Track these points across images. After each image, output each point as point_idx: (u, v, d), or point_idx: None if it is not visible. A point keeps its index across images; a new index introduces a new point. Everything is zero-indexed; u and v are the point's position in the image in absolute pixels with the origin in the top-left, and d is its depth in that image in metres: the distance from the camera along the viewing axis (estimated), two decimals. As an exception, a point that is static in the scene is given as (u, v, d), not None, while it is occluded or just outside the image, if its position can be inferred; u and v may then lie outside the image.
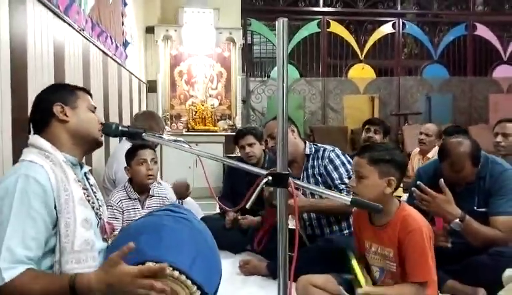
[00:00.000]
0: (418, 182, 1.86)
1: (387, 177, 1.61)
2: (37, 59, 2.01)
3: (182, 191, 2.78)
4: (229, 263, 2.43)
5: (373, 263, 1.71)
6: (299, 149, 2.44)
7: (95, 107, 1.44)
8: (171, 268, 1.15)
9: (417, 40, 7.71)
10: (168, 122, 5.54)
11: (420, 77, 7.48)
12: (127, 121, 4.09)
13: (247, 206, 1.02)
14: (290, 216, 1.66)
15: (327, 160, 2.37)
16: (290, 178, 1.05)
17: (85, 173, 1.40)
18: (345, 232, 2.38)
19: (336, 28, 7.13)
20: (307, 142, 2.52)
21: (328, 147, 2.43)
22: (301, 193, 2.26)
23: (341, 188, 2.30)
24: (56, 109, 1.33)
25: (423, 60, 7.59)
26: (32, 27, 1.95)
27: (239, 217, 2.87)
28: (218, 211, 3.21)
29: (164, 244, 1.24)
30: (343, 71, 7.27)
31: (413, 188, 1.89)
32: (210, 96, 5.82)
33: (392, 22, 7.29)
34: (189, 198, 2.98)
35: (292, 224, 2.24)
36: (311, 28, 7.06)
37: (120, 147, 2.84)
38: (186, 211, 1.50)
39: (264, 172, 1.05)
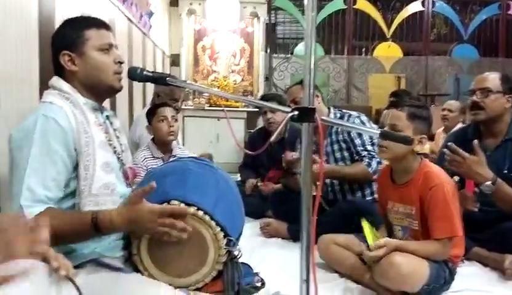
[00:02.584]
0: (449, 143, 1.80)
1: (420, 134, 1.58)
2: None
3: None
4: (249, 227, 2.43)
5: (396, 222, 1.69)
6: (323, 114, 2.39)
7: (111, 44, 1.29)
8: (195, 208, 1.15)
9: (447, 19, 7.44)
10: (191, 97, 5.55)
11: (449, 57, 7.24)
12: (150, 93, 4.11)
13: (272, 140, 1.01)
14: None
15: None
16: (316, 115, 1.03)
17: (108, 116, 1.35)
18: (368, 198, 2.34)
19: (363, 5, 6.94)
20: (331, 108, 2.49)
21: (354, 113, 2.39)
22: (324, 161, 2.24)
23: (363, 155, 2.28)
24: (64, 59, 1.25)
25: (452, 42, 7.32)
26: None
27: (259, 183, 2.87)
28: (239, 178, 3.21)
29: (189, 185, 1.24)
30: (369, 49, 7.11)
31: (443, 149, 1.84)
32: (232, 71, 5.80)
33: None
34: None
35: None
36: (336, 4, 6.90)
37: (143, 112, 2.87)
38: (209, 161, 1.51)
39: (288, 109, 1.04)
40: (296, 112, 1.01)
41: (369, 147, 2.28)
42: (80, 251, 1.18)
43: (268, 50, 6.54)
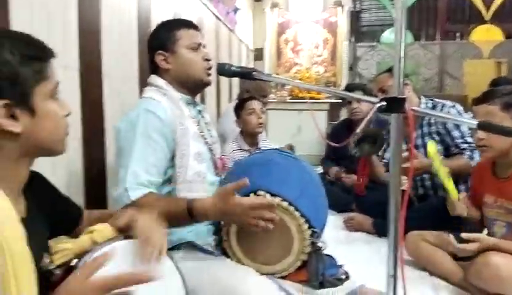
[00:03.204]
0: None
1: None
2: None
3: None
4: (333, 220, 2.42)
5: (499, 217, 1.56)
6: (413, 104, 2.27)
7: (199, 44, 1.39)
8: (280, 199, 1.18)
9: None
10: (273, 90, 5.61)
11: (562, 38, 6.38)
12: (236, 87, 4.25)
13: (358, 131, 1.00)
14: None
15: (446, 118, 2.19)
16: (406, 105, 0.99)
17: (200, 111, 1.46)
18: (462, 195, 2.19)
19: (458, -15, 6.41)
20: (422, 97, 2.35)
21: (448, 103, 2.23)
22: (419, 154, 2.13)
23: (463, 147, 2.12)
24: (158, 58, 1.38)
25: None
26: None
27: (343, 175, 2.83)
28: (321, 171, 3.19)
29: (273, 176, 1.26)
30: (464, 33, 6.54)
31: None
32: (315, 63, 5.74)
33: (529, -26, 6.29)
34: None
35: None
36: (428, -13, 6.46)
37: (229, 107, 2.99)
38: (292, 153, 1.53)
39: (375, 100, 1.01)
40: (384, 102, 0.98)
41: (469, 139, 2.12)
42: (176, 234, 1.27)
43: (353, 39, 6.34)
